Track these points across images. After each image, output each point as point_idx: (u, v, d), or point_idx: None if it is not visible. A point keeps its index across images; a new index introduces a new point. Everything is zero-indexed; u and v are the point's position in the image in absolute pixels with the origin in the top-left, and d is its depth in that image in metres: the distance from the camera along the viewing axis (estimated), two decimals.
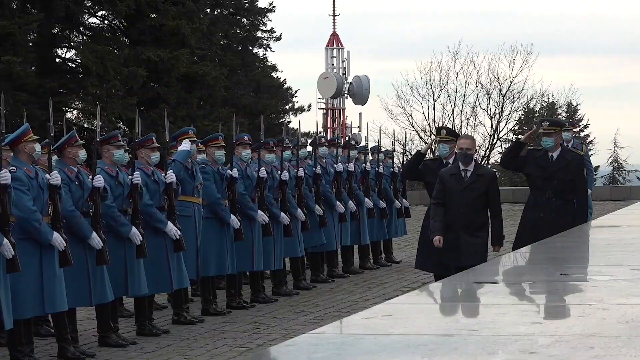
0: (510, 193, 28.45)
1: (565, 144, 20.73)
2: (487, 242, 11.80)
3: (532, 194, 12.72)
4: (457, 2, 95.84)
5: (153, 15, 31.63)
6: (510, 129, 52.50)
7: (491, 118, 49.43)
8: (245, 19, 39.14)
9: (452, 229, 11.69)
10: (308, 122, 61.90)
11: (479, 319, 6.30)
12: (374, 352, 5.19)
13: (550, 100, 54.92)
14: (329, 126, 51.18)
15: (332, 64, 53.53)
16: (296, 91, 43.13)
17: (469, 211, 11.67)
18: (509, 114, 50.38)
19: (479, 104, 49.96)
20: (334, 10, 52.81)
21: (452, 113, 49.32)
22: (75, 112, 32.90)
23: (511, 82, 49.49)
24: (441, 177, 11.81)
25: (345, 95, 52.80)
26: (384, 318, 6.16)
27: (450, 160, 12.35)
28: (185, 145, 12.75)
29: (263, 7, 39.24)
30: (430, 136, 46.53)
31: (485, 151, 48.60)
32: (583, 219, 12.80)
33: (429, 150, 15.34)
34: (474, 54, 48.65)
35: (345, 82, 52.65)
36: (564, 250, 10.56)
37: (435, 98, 49.22)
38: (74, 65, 31.71)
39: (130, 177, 11.44)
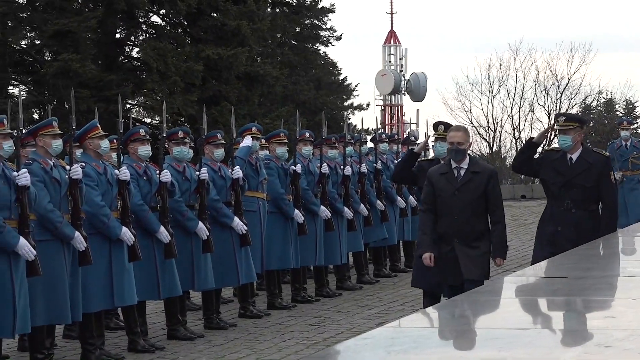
0: None
1: (624, 144, 20.30)
2: (489, 254, 9.93)
3: (549, 203, 10.58)
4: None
5: (214, 15, 31.68)
6: None
7: (549, 115, 49.27)
8: (307, 19, 39.32)
9: (445, 239, 9.78)
10: (366, 118, 61.70)
11: (551, 313, 6.25)
12: (450, 345, 5.17)
13: (608, 97, 54.55)
14: (386, 123, 51.07)
15: (390, 61, 53.46)
16: (356, 85, 43.05)
17: (464, 217, 9.72)
18: (566, 111, 50.18)
19: (537, 100, 49.88)
20: (392, 7, 52.85)
21: (511, 109, 49.26)
22: (136, 107, 33.04)
23: (569, 80, 49.35)
24: (430, 178, 9.82)
25: (403, 92, 52.70)
26: (458, 311, 6.13)
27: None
28: (247, 141, 12.83)
29: (324, 6, 39.38)
30: (488, 132, 46.40)
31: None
32: (610, 232, 10.36)
33: (425, 150, 13.18)
34: (533, 50, 48.55)
35: (402, 79, 52.55)
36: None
37: (494, 94, 49.24)
38: (138, 63, 31.86)
39: (197, 172, 11.48)
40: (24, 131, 10.19)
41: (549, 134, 11.44)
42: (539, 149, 11.84)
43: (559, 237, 10.17)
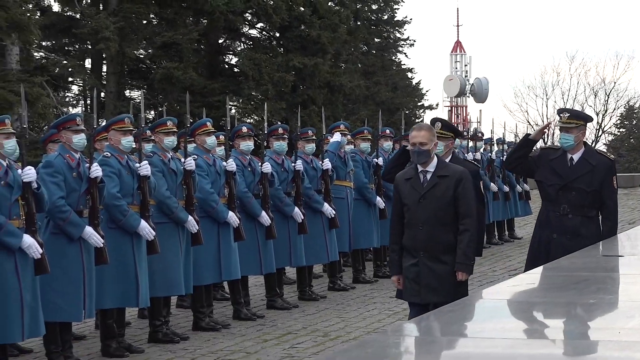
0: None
1: None
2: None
3: (544, 206, 8.40)
4: (568, 12, 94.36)
5: (302, 27, 31.76)
6: (614, 123, 52.15)
7: (597, 114, 49.05)
8: (385, 31, 39.59)
9: (410, 252, 7.53)
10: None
11: (615, 288, 6.10)
12: (526, 310, 5.11)
13: None
14: (453, 121, 50.92)
15: (456, 68, 53.52)
16: (427, 91, 43.09)
17: (430, 227, 7.39)
18: (612, 111, 49.98)
19: (586, 101, 49.65)
20: (458, 21, 53.01)
21: None
22: (233, 110, 33.24)
23: (615, 83, 49.01)
24: (396, 184, 7.65)
25: (468, 94, 52.59)
26: (528, 285, 6.07)
27: (447, 160, 8.01)
28: (336, 137, 12.91)
29: (399, 20, 39.42)
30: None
31: (592, 142, 48.02)
32: None
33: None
34: (584, 58, 48.47)
35: (467, 83, 52.45)
36: None
37: (548, 96, 49.16)
38: (235, 71, 32.04)
39: (293, 164, 11.54)
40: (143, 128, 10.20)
41: (548, 130, 8.72)
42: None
43: (553, 244, 8.14)
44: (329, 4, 32.84)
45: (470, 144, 16.88)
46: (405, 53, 39.96)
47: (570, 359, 4.16)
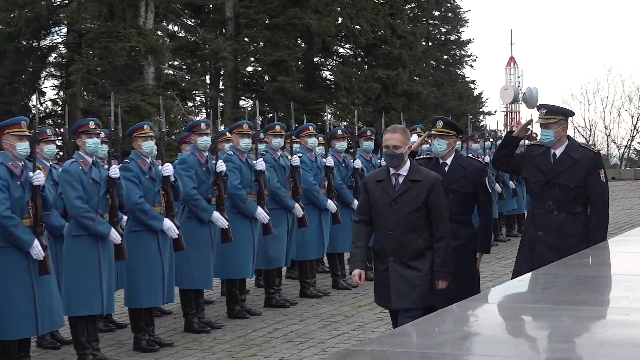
0: None
1: None
2: (429, 276, 6.09)
3: (531, 204, 7.01)
4: (606, 31, 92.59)
5: (383, 46, 31.64)
6: None
7: (632, 117, 48.17)
8: (452, 50, 39.46)
9: (379, 256, 6.20)
10: (494, 121, 61.03)
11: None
12: (579, 284, 4.86)
13: None
14: (507, 124, 50.36)
15: (510, 79, 52.86)
16: (486, 99, 42.80)
17: (401, 232, 6.07)
18: None
19: (622, 105, 48.94)
20: (511, 40, 52.71)
21: (603, 113, 48.58)
22: (329, 116, 33.21)
23: None
24: (365, 185, 6.30)
25: (520, 102, 51.94)
26: (587, 262, 5.72)
27: (448, 161, 6.85)
28: (413, 138, 12.63)
29: (464, 40, 39.52)
30: (585, 130, 45.28)
31: (628, 141, 47.05)
32: (598, 240, 6.54)
33: (424, 148, 10.66)
34: (622, 69, 47.82)
35: (520, 92, 51.71)
36: None
37: (590, 103, 48.64)
38: (329, 82, 32.02)
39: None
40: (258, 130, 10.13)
41: (532, 127, 7.09)
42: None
43: (538, 242, 6.69)
44: (408, 26, 32.77)
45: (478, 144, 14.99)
46: (471, 65, 39.92)
47: None
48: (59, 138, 13.28)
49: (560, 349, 3.41)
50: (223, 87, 30.76)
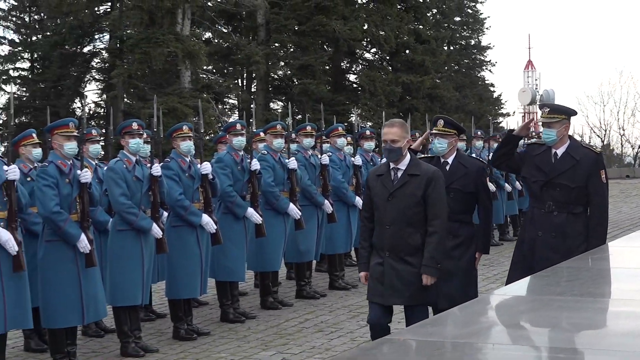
0: None
1: None
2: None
3: (531, 204, 6.51)
4: (618, 36, 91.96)
5: (407, 52, 31.57)
6: None
7: None
8: (472, 54, 39.38)
9: (376, 251, 5.85)
10: (512, 122, 60.81)
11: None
12: (601, 276, 4.88)
13: None
14: None
15: (528, 82, 52.56)
16: (505, 101, 42.71)
17: (398, 227, 5.71)
18: None
19: (636, 106, 48.62)
20: (529, 44, 52.38)
21: (617, 113, 48.61)
22: (354, 117, 33.19)
23: None
24: (368, 180, 6.02)
25: (538, 103, 51.69)
26: (610, 255, 5.67)
27: (450, 160, 6.46)
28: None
29: (484, 45, 39.47)
30: (601, 130, 45.04)
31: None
32: (598, 241, 6.12)
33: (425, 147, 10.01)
34: (633, 71, 47.40)
35: (537, 94, 51.43)
36: None
37: (605, 104, 48.55)
38: (355, 85, 31.98)
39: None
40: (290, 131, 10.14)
41: (532, 126, 6.31)
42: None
43: (538, 243, 6.23)
44: (429, 32, 32.68)
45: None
46: (490, 69, 39.85)
47: None
48: (102, 138, 13.33)
49: (586, 339, 3.36)
50: (255, 90, 30.82)
